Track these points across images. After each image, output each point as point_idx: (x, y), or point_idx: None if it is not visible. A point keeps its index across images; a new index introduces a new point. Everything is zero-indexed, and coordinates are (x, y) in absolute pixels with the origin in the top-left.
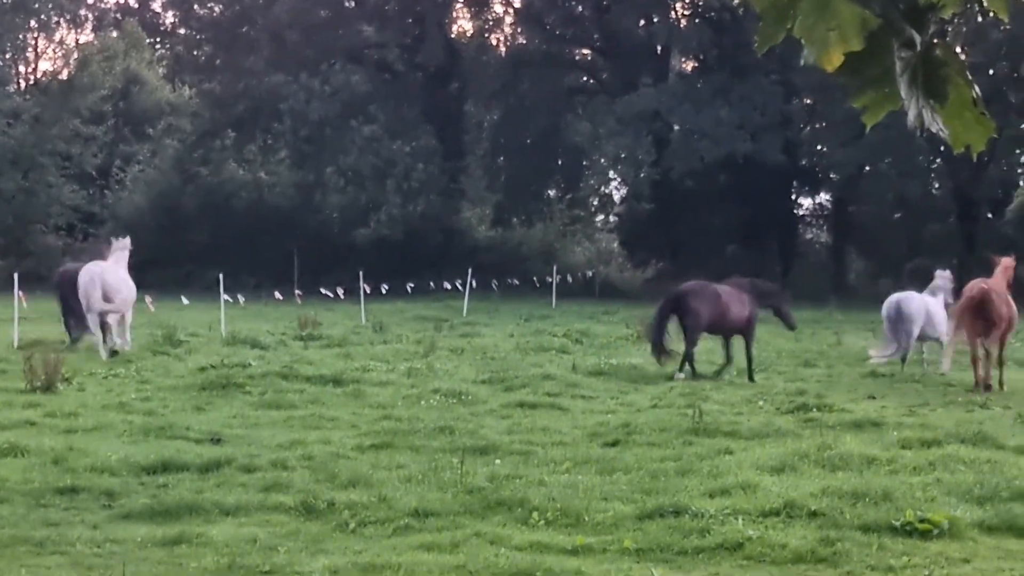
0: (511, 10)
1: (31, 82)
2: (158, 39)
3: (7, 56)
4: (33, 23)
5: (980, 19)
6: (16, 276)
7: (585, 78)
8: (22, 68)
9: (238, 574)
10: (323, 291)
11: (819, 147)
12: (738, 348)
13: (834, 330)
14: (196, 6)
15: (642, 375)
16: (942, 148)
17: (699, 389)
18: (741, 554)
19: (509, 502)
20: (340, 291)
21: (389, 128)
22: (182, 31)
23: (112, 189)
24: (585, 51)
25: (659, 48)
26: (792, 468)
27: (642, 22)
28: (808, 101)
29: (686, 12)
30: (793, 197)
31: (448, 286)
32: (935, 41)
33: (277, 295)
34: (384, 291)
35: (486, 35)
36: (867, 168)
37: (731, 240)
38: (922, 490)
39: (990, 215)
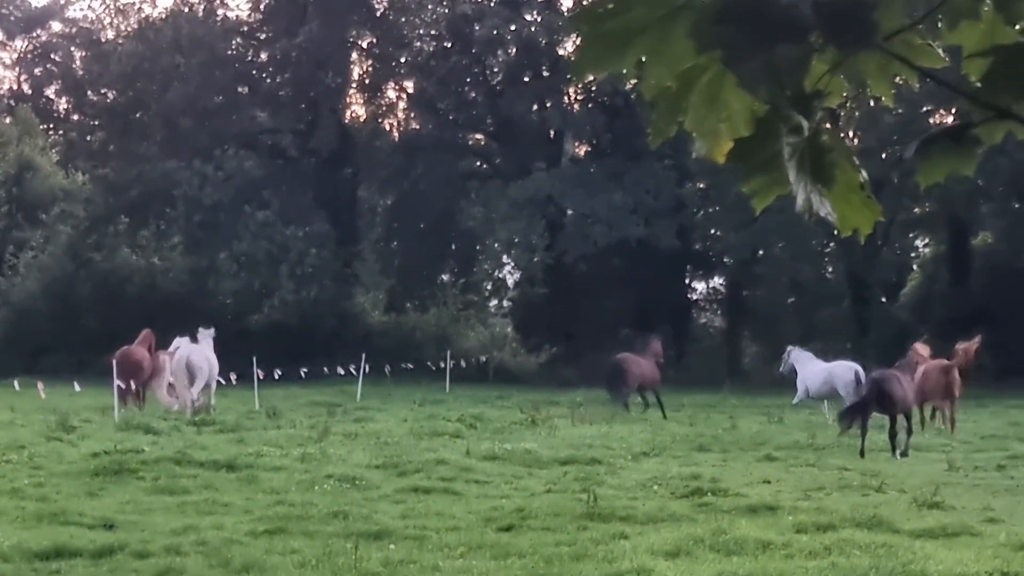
0: (404, 96)
1: None
2: (51, 125)
3: None
4: None
5: (872, 104)
6: None
7: (479, 163)
8: None
9: None
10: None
11: (712, 231)
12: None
13: (728, 414)
14: (89, 92)
15: (536, 459)
16: (835, 232)
17: (594, 474)
18: None
19: None
20: (233, 377)
21: (283, 214)
22: (75, 117)
23: (5, 275)
24: (478, 136)
25: (552, 132)
26: (687, 553)
27: (535, 107)
28: (701, 185)
29: (579, 97)
30: (687, 281)
31: (342, 371)
32: (822, 126)
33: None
34: (277, 376)
35: (379, 120)
36: (760, 252)
37: (625, 324)
38: (818, 575)
39: (884, 299)
